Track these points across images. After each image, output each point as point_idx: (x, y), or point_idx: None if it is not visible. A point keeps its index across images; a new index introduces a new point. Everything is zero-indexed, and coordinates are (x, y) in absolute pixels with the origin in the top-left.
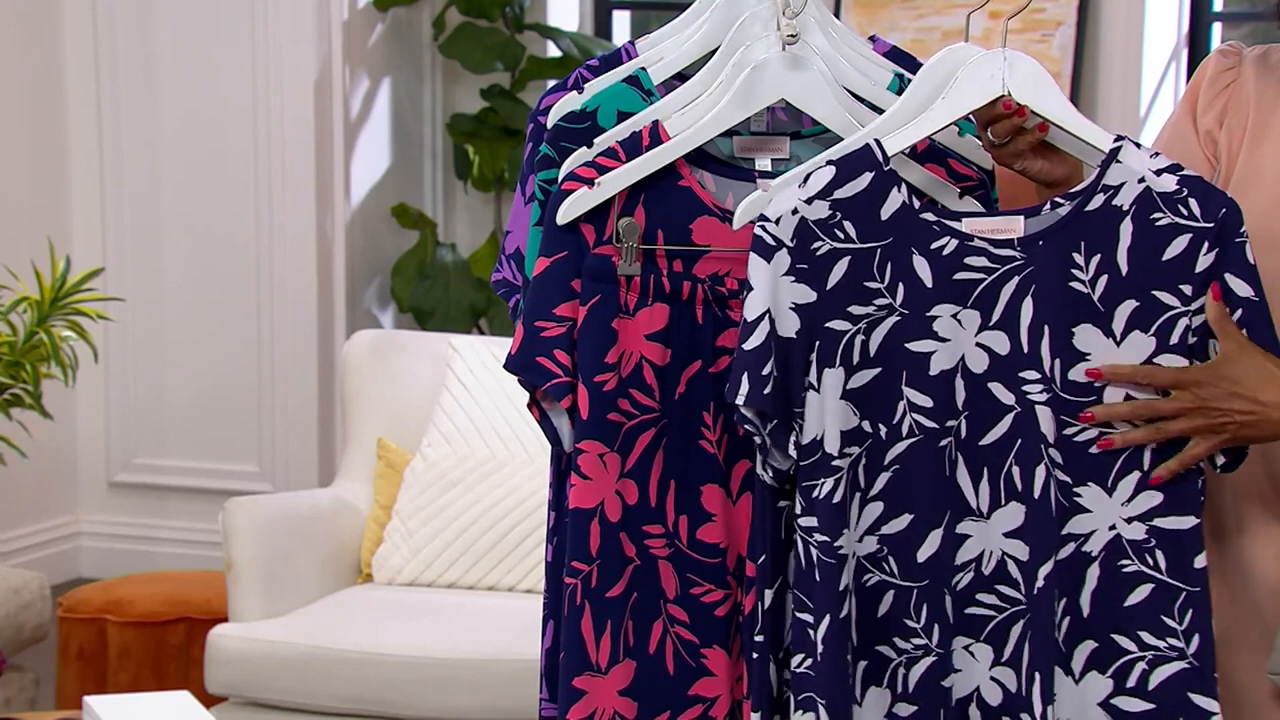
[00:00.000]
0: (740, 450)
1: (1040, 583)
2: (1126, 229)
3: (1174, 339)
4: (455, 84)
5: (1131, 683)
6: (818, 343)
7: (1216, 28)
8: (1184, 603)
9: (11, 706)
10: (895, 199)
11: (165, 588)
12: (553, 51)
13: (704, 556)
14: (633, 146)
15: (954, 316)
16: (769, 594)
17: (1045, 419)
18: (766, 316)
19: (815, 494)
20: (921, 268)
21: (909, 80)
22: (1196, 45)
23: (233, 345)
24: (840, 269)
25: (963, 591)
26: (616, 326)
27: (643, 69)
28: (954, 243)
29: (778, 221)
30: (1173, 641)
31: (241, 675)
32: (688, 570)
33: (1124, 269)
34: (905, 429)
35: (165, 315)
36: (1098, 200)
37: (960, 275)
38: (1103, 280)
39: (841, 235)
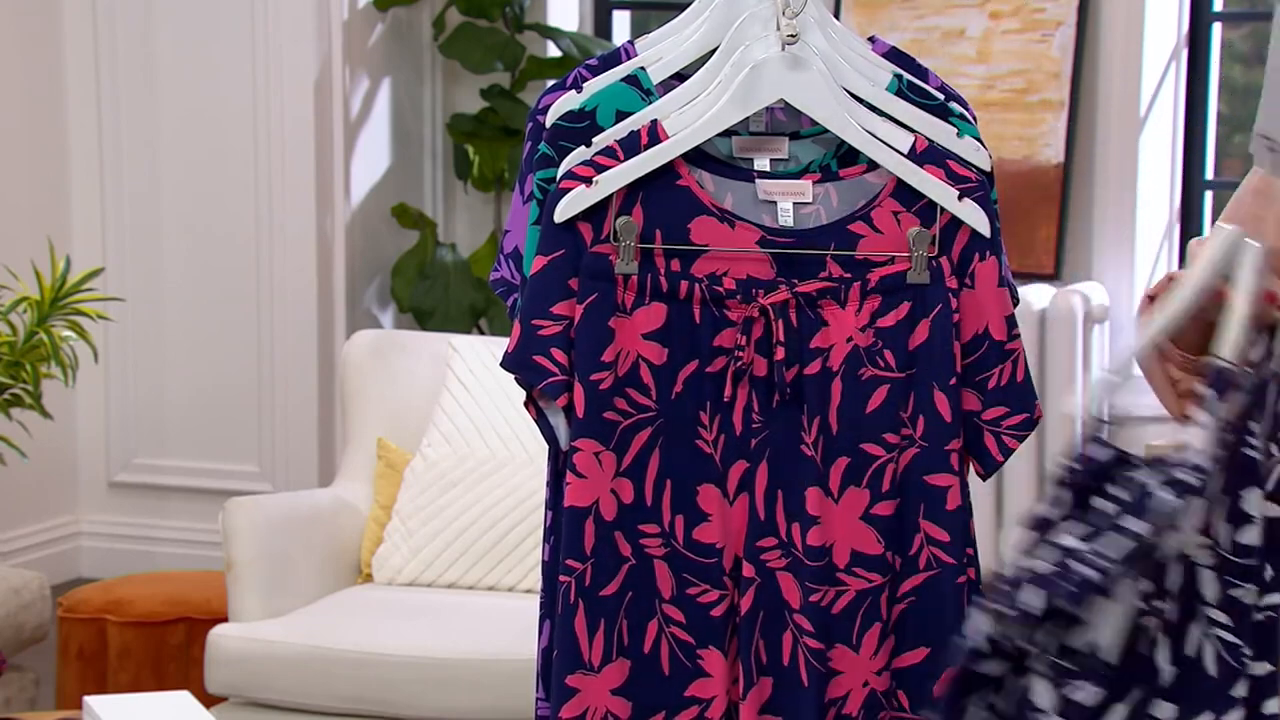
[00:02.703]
0: (736, 451)
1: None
2: None
3: None
4: (455, 84)
5: None
6: None
7: (1216, 28)
8: None
9: (11, 706)
10: None
11: (165, 588)
12: (553, 51)
13: (700, 556)
14: (631, 145)
15: None
16: None
17: None
18: None
19: None
20: None
21: (908, 81)
22: (1196, 45)
23: (233, 345)
24: None
25: None
26: (613, 325)
27: (642, 68)
28: None
29: None
30: None
31: (241, 675)
32: (684, 570)
33: None
34: None
35: (165, 315)
36: None
37: None
38: None
39: None
